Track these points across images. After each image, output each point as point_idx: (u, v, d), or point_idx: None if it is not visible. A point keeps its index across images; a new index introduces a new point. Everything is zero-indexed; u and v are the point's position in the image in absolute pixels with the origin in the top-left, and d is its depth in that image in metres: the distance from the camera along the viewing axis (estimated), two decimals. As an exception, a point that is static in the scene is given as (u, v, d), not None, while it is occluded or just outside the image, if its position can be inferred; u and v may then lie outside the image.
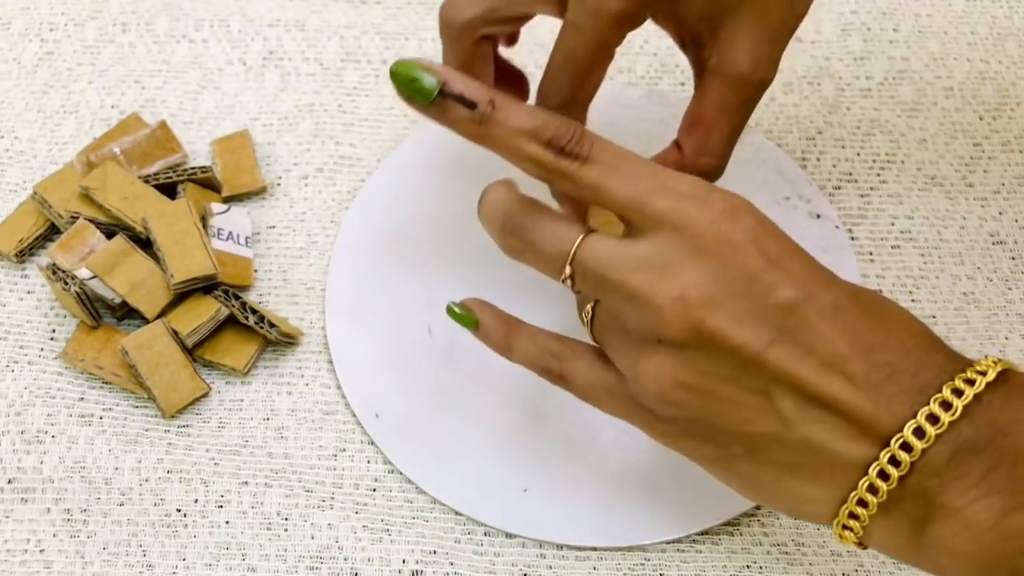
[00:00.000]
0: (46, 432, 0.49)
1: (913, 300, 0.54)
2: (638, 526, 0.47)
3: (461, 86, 0.37)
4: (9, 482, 0.48)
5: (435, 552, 0.47)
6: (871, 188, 0.57)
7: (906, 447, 0.32)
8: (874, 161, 0.58)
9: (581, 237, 0.37)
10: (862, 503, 0.34)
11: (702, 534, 0.47)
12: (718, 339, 0.34)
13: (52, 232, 0.55)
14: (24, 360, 0.51)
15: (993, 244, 0.56)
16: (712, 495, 0.47)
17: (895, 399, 0.33)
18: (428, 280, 0.53)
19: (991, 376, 0.33)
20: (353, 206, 0.56)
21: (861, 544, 0.35)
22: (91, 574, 0.46)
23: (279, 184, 0.57)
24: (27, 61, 0.62)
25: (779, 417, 0.34)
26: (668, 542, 0.47)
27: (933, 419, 0.32)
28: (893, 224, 0.56)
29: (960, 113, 0.60)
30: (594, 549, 0.47)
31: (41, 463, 0.49)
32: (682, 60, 0.62)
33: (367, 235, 0.55)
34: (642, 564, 0.46)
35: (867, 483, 0.33)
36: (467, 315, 0.42)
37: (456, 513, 0.48)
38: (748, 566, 0.46)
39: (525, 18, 0.44)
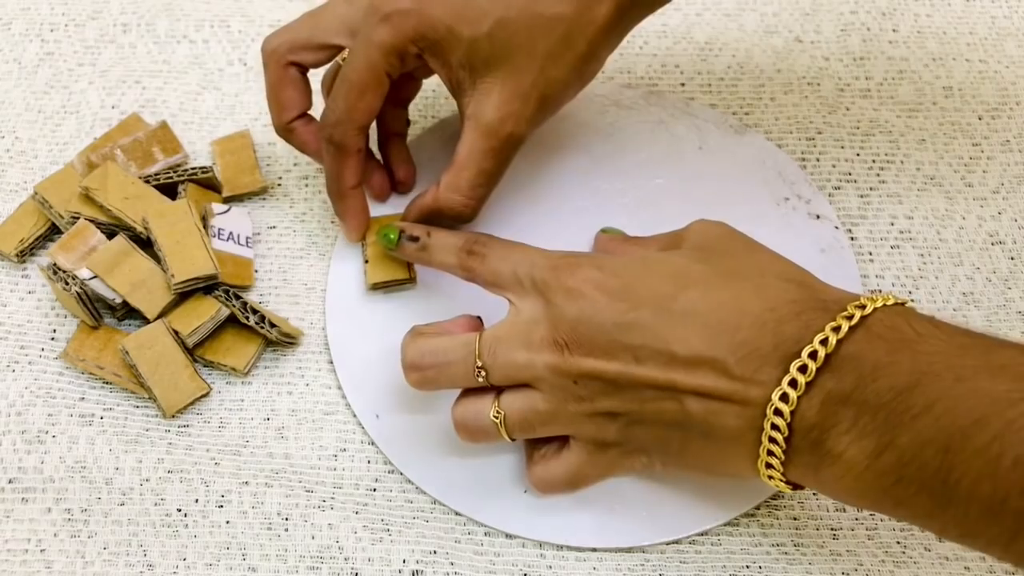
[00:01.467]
0: (47, 432, 0.49)
1: (912, 300, 0.54)
2: (638, 527, 0.47)
3: (409, 229, 0.49)
4: (10, 482, 0.48)
5: (435, 552, 0.47)
6: (871, 188, 0.58)
7: (778, 412, 0.37)
8: (874, 161, 0.58)
9: (477, 335, 0.44)
10: (769, 464, 0.39)
11: (701, 535, 0.47)
12: (595, 374, 0.41)
13: (53, 232, 0.55)
14: (25, 360, 0.52)
15: (992, 244, 0.56)
16: (711, 496, 0.47)
17: (759, 372, 0.38)
18: (428, 280, 0.53)
19: (854, 321, 0.37)
20: None
21: (794, 487, 0.40)
22: (92, 574, 0.46)
23: (279, 184, 0.57)
24: (28, 61, 0.62)
25: (689, 414, 0.40)
26: (667, 543, 0.47)
27: (794, 383, 0.37)
28: (892, 224, 0.56)
29: (959, 113, 0.60)
30: (594, 550, 0.47)
31: (42, 463, 0.49)
32: (682, 61, 0.62)
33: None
34: (642, 565, 0.47)
35: (765, 447, 0.39)
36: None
37: (456, 513, 0.48)
38: (747, 566, 0.46)
39: (328, 48, 0.51)
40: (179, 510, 0.48)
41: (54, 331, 0.53)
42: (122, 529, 0.47)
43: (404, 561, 0.47)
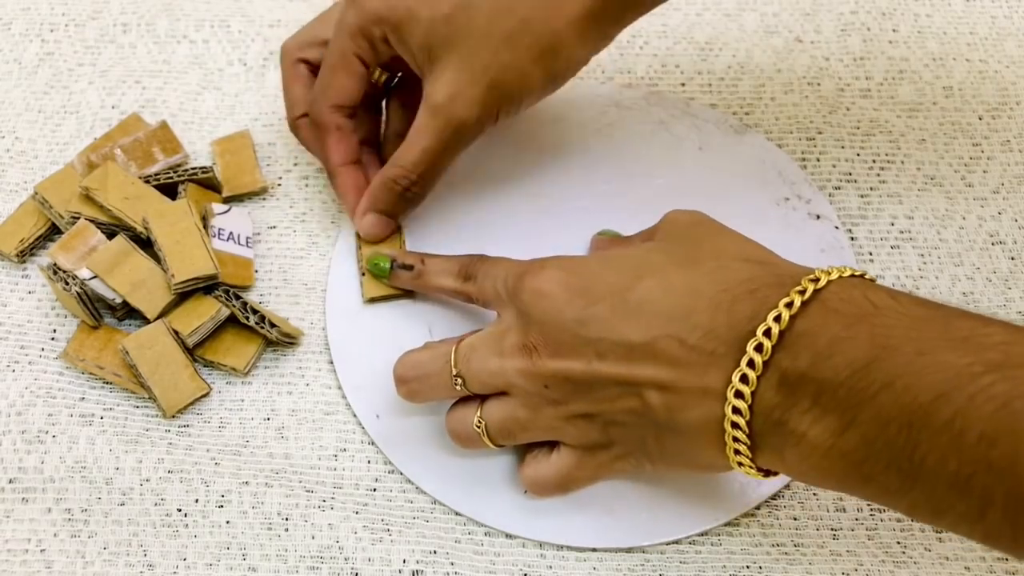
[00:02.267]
0: (47, 432, 0.49)
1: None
2: (638, 527, 0.47)
3: (403, 258, 0.51)
4: (10, 482, 0.48)
5: (435, 552, 0.47)
6: (871, 188, 0.58)
7: (739, 395, 0.37)
8: (874, 161, 0.58)
9: (454, 345, 0.45)
10: (737, 451, 0.38)
11: (702, 535, 0.47)
12: (562, 375, 0.41)
13: (53, 232, 0.55)
14: (25, 360, 0.52)
15: (992, 244, 0.56)
16: (711, 496, 0.47)
17: (716, 356, 0.38)
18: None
19: (806, 296, 0.36)
20: None
21: (766, 473, 0.39)
22: (92, 574, 0.46)
23: (279, 184, 0.57)
24: (28, 61, 0.62)
25: (652, 408, 0.40)
26: (667, 543, 0.47)
27: (752, 364, 0.36)
28: (893, 224, 0.56)
29: (959, 113, 0.60)
30: (594, 550, 0.47)
31: (42, 463, 0.49)
32: (682, 61, 0.62)
33: None
34: (642, 565, 0.47)
35: (730, 434, 0.38)
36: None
37: (456, 513, 0.48)
38: (747, 566, 0.46)
39: (324, 44, 0.52)
40: (179, 510, 0.48)
41: (54, 331, 0.53)
42: (122, 529, 0.47)
43: (404, 561, 0.47)
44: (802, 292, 0.36)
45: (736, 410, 0.37)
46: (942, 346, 0.34)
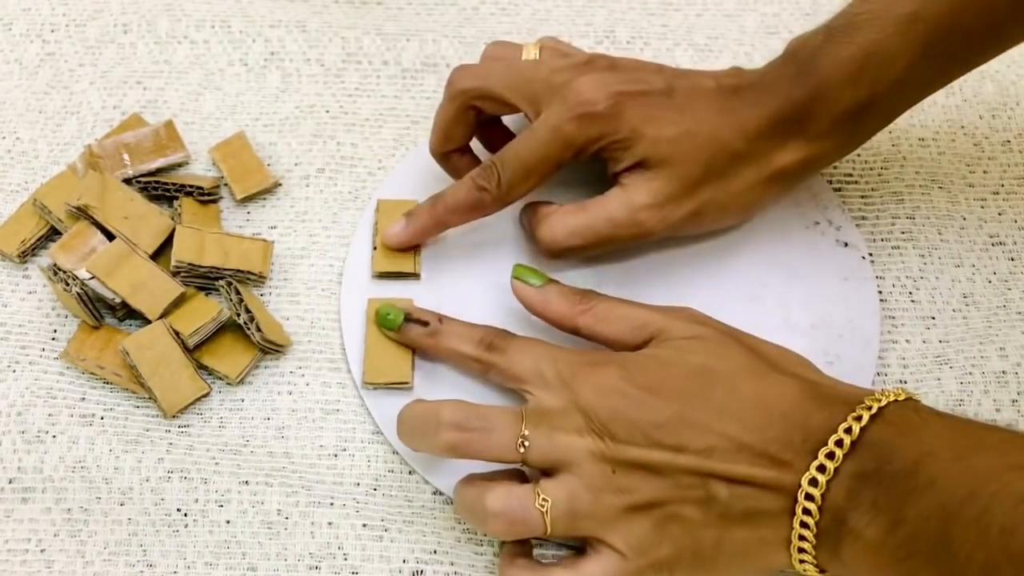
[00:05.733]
0: (47, 432, 0.49)
1: (913, 301, 0.54)
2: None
3: (418, 314, 0.50)
4: (10, 482, 0.48)
5: (435, 551, 0.47)
6: (872, 188, 0.57)
7: (809, 496, 0.40)
8: (875, 161, 0.58)
9: (524, 409, 0.44)
10: (802, 549, 0.41)
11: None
12: (640, 462, 0.42)
13: (54, 233, 0.55)
14: (25, 360, 0.52)
15: (992, 245, 0.56)
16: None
17: (792, 462, 0.41)
18: (430, 277, 0.53)
19: (873, 412, 0.40)
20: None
21: (822, 572, 0.42)
22: (92, 573, 0.46)
23: (280, 184, 0.57)
24: (28, 62, 0.62)
25: (718, 500, 0.41)
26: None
27: (822, 468, 0.40)
28: (894, 224, 0.56)
29: (960, 112, 0.60)
30: (594, 549, 0.47)
31: (42, 463, 0.49)
32: (683, 62, 0.62)
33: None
34: (642, 564, 0.47)
35: (797, 532, 0.40)
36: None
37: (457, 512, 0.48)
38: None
39: (512, 107, 0.52)
40: (179, 510, 0.48)
41: (55, 331, 0.53)
42: (122, 529, 0.47)
43: (404, 560, 0.47)
44: (868, 408, 0.40)
45: (806, 510, 0.40)
46: (974, 453, 0.38)
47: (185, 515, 0.48)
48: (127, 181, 0.55)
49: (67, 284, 0.50)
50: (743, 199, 0.51)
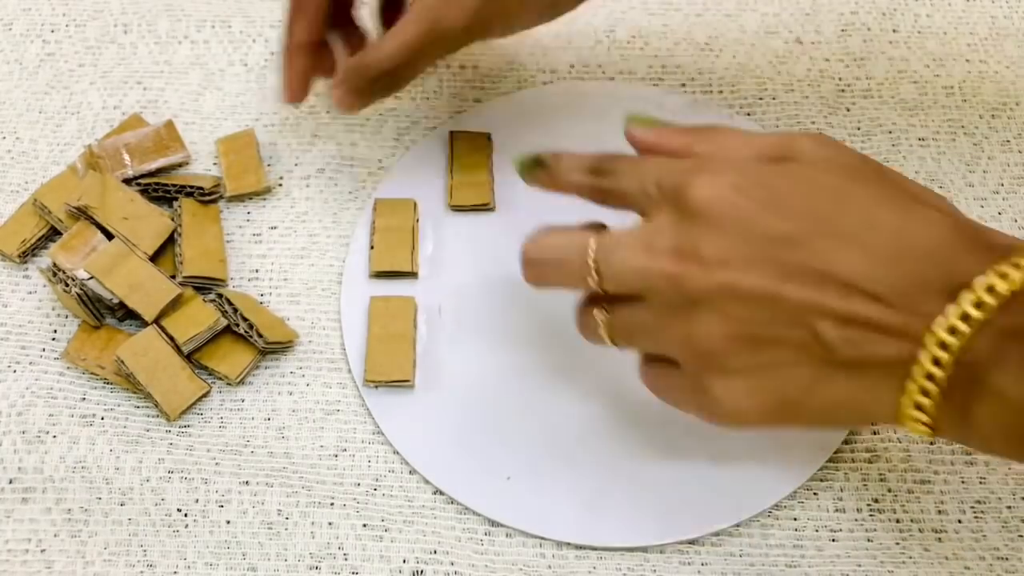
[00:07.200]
0: (47, 432, 0.49)
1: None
2: (638, 527, 0.47)
3: (541, 156, 0.46)
4: (10, 482, 0.48)
5: (436, 551, 0.47)
6: (871, 188, 0.57)
7: (944, 346, 0.35)
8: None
9: (594, 237, 0.41)
10: (919, 405, 0.36)
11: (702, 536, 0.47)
12: (736, 290, 0.37)
13: (54, 233, 0.55)
14: (26, 360, 0.52)
15: (993, 244, 0.56)
16: (713, 498, 0.47)
17: (922, 304, 0.35)
18: (433, 273, 0.53)
19: None
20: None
21: (933, 430, 0.37)
22: (92, 574, 0.46)
23: (280, 185, 0.57)
24: (28, 62, 0.62)
25: (824, 342, 0.36)
26: (668, 543, 0.47)
27: (966, 317, 0.34)
28: (893, 224, 0.56)
29: (960, 112, 0.60)
30: (594, 548, 0.47)
31: (42, 463, 0.49)
32: (683, 61, 0.63)
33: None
34: (641, 564, 0.47)
35: (918, 385, 0.35)
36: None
37: (457, 511, 0.48)
38: (747, 567, 0.46)
39: None
40: (179, 510, 0.48)
41: (55, 331, 0.53)
42: (122, 529, 0.47)
43: (404, 560, 0.47)
44: None
45: (937, 361, 0.35)
46: None
47: (185, 515, 0.48)
48: (127, 181, 0.55)
49: (67, 285, 0.50)
50: None
